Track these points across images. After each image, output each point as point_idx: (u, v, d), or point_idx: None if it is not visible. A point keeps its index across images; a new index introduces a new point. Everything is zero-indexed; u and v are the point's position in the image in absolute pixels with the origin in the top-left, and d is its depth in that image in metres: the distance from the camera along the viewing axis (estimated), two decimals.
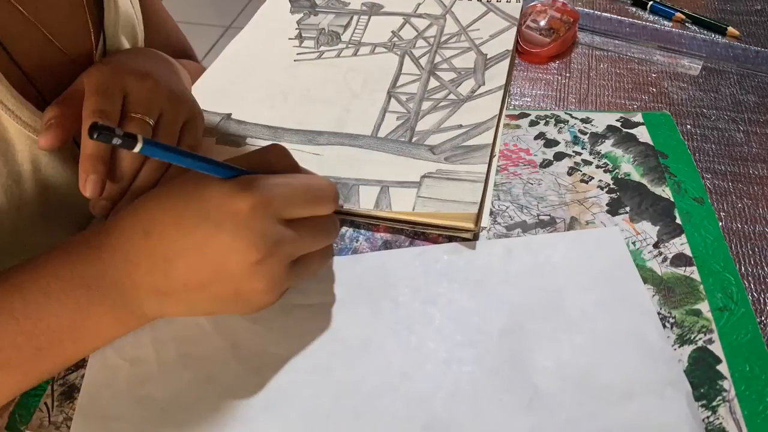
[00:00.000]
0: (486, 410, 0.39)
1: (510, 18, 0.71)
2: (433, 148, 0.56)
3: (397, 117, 0.60)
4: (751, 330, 0.42)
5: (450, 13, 0.73)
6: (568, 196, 0.52)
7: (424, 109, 0.60)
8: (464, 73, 0.64)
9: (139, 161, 0.50)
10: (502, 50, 0.66)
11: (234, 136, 0.60)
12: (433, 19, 0.73)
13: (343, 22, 0.73)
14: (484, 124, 0.58)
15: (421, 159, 0.55)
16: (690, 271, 0.46)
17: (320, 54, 0.69)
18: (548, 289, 0.45)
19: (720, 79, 0.66)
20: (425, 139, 0.57)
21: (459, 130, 0.57)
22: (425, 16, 0.73)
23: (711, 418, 0.38)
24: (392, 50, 0.69)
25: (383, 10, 0.75)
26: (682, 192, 0.52)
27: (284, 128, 0.60)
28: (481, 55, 0.66)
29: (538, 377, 0.40)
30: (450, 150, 0.55)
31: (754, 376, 0.40)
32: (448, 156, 0.55)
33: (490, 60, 0.65)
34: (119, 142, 0.32)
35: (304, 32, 0.72)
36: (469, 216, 0.49)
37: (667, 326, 0.43)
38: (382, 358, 0.42)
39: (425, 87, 0.63)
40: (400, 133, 0.58)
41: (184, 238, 0.39)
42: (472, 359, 0.42)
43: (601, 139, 0.57)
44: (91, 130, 0.32)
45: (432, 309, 0.45)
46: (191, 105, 0.55)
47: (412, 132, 0.58)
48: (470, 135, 0.57)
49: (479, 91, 0.62)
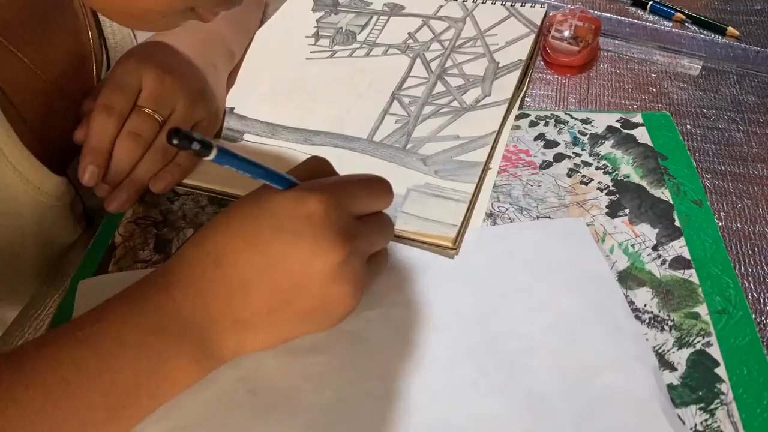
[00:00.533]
0: (461, 391, 0.40)
1: (530, 24, 0.70)
2: (426, 159, 0.55)
3: (395, 120, 0.60)
4: (750, 333, 0.42)
5: (471, 16, 0.73)
6: (567, 197, 0.52)
7: (425, 113, 0.60)
8: (472, 81, 0.64)
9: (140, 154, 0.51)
10: (515, 59, 0.66)
11: (232, 130, 0.60)
12: (452, 22, 0.72)
13: (361, 22, 0.73)
14: (482, 139, 0.57)
15: (411, 168, 0.55)
16: (689, 274, 0.46)
17: (333, 53, 0.69)
18: (518, 272, 0.47)
19: (720, 79, 0.66)
20: (419, 147, 0.57)
21: (455, 142, 0.57)
22: (445, 18, 0.73)
23: (709, 421, 0.38)
24: (405, 52, 0.68)
25: (404, 11, 0.75)
26: (681, 194, 0.52)
27: (282, 126, 0.60)
28: (494, 62, 0.66)
29: (511, 357, 0.41)
30: (441, 163, 0.55)
31: (752, 379, 0.40)
32: (438, 169, 0.54)
33: (501, 69, 0.65)
34: (198, 147, 0.33)
35: (321, 31, 0.72)
36: (448, 238, 0.48)
37: (665, 329, 0.43)
38: (360, 347, 0.43)
39: (430, 91, 0.63)
40: (395, 138, 0.58)
41: (261, 256, 0.37)
42: (446, 343, 0.43)
43: (601, 141, 0.57)
44: (170, 135, 0.32)
45: (406, 296, 0.45)
46: (209, 105, 0.56)
47: (408, 138, 0.58)
48: (465, 149, 0.56)
49: (483, 102, 0.61)
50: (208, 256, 0.38)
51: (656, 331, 0.43)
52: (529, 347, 0.42)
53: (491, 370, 0.41)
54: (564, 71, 0.68)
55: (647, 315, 0.44)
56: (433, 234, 0.49)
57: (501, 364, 0.41)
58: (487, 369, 0.41)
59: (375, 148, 0.57)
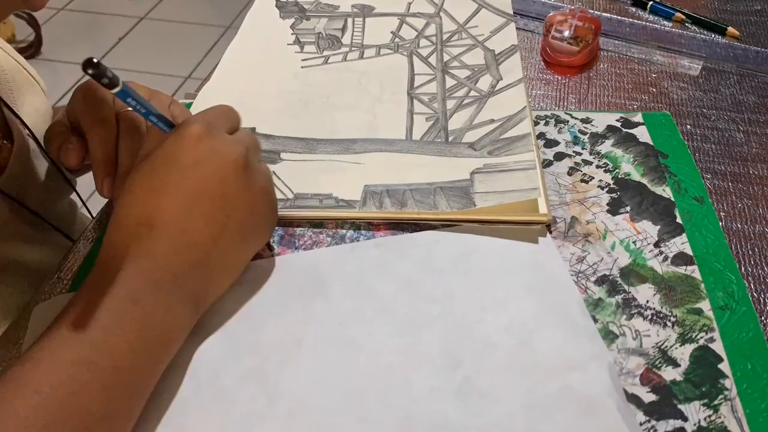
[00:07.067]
0: (417, 397, 0.40)
1: (504, 14, 0.71)
2: (473, 144, 0.56)
3: (426, 118, 0.59)
4: (753, 328, 0.42)
5: (443, 11, 0.73)
6: (568, 195, 0.52)
7: (450, 108, 0.60)
8: (477, 70, 0.64)
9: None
10: (508, 45, 0.66)
11: (266, 152, 0.57)
12: (428, 18, 0.72)
13: (338, 26, 0.73)
14: (517, 115, 0.57)
15: (464, 157, 0.55)
16: (691, 270, 0.46)
17: (326, 59, 0.68)
18: (474, 274, 0.46)
19: (720, 79, 0.66)
20: (462, 137, 0.57)
21: (493, 125, 0.57)
22: (419, 15, 0.73)
23: (713, 416, 0.38)
24: (398, 51, 0.68)
25: (375, 11, 0.74)
26: (682, 191, 0.52)
27: (316, 139, 0.58)
28: (489, 51, 0.66)
29: (467, 360, 0.41)
30: (490, 144, 0.55)
31: (756, 374, 0.40)
32: (490, 150, 0.55)
33: (500, 55, 0.65)
34: (106, 81, 0.38)
35: (301, 37, 0.71)
36: (533, 204, 0.49)
37: (668, 325, 0.43)
38: (314, 356, 0.42)
39: (444, 86, 0.63)
40: (434, 134, 0.57)
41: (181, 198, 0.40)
42: (402, 349, 0.42)
43: (601, 139, 0.57)
44: (84, 65, 0.36)
45: (363, 303, 0.45)
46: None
47: (446, 132, 0.58)
48: (506, 128, 0.56)
49: (499, 86, 0.61)
50: (139, 226, 0.40)
51: (659, 328, 0.43)
52: (484, 349, 0.42)
53: (446, 374, 0.41)
54: (564, 71, 0.68)
55: (650, 311, 0.44)
56: (518, 202, 0.49)
57: (456, 366, 0.41)
58: (442, 372, 0.41)
59: (419, 146, 0.57)
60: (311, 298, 0.45)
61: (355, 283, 0.46)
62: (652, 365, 0.41)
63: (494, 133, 0.56)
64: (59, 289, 0.48)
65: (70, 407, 0.34)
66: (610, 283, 0.46)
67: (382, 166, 0.55)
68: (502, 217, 0.49)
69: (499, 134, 0.56)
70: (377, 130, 0.59)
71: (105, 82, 0.38)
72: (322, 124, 0.60)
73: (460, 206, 0.50)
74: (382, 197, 0.52)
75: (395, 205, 0.51)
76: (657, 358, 0.41)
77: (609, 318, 0.44)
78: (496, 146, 0.55)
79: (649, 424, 0.38)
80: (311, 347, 0.43)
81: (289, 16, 0.75)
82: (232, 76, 0.66)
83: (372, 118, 0.60)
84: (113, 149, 0.50)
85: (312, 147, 0.58)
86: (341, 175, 0.54)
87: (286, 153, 0.57)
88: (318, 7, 0.76)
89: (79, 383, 0.34)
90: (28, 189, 0.55)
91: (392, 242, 0.49)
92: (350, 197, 0.52)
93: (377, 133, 0.58)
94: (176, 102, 0.53)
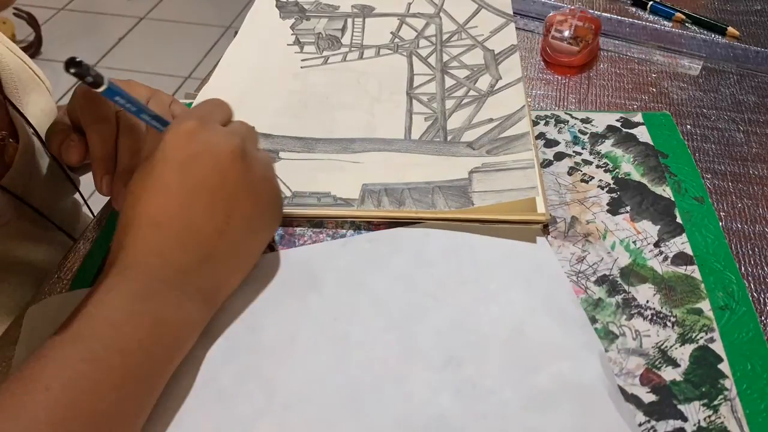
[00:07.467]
0: (412, 389, 0.40)
1: (504, 14, 0.71)
2: (472, 144, 0.56)
3: (425, 118, 0.59)
4: (753, 329, 0.42)
5: (443, 11, 0.73)
6: (568, 195, 0.52)
7: (449, 107, 0.60)
8: (477, 70, 0.64)
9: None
10: (507, 45, 0.66)
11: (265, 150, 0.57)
12: (428, 18, 0.72)
13: (338, 26, 0.73)
14: (515, 114, 0.57)
15: (463, 156, 0.55)
16: (691, 270, 0.46)
17: (325, 59, 0.68)
18: (465, 265, 0.47)
19: (720, 79, 0.66)
20: (460, 137, 0.57)
21: (492, 124, 0.57)
22: (419, 15, 0.73)
23: (713, 417, 0.38)
24: (397, 51, 0.68)
25: (375, 12, 0.74)
26: (682, 191, 0.52)
27: (315, 138, 0.58)
28: (488, 51, 0.66)
29: (460, 351, 0.41)
30: (489, 143, 0.55)
31: (756, 374, 0.40)
32: (489, 149, 0.55)
33: (499, 55, 0.65)
34: (90, 80, 0.38)
35: (301, 38, 0.71)
36: (531, 203, 0.49)
37: (668, 325, 0.43)
38: (310, 352, 0.42)
39: (443, 86, 0.63)
40: (432, 134, 0.57)
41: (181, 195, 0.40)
42: (396, 342, 0.42)
43: (601, 139, 0.57)
44: (67, 64, 0.36)
45: (357, 297, 0.45)
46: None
47: (444, 131, 0.58)
48: (504, 127, 0.56)
49: (498, 86, 0.61)
50: (145, 226, 0.40)
51: (659, 328, 0.43)
52: (477, 340, 0.42)
53: (440, 365, 0.41)
54: (564, 71, 0.68)
55: (649, 311, 0.44)
56: (516, 201, 0.49)
57: (450, 358, 0.41)
58: (436, 364, 0.41)
59: (417, 145, 0.57)
60: (305, 294, 0.45)
61: (349, 278, 0.46)
62: (652, 365, 0.41)
63: (493, 132, 0.56)
64: (59, 289, 0.48)
65: (80, 405, 0.34)
66: (610, 283, 0.46)
67: (380, 165, 0.55)
68: (499, 216, 0.49)
69: (497, 133, 0.56)
70: (376, 130, 0.59)
71: (89, 81, 0.38)
72: (321, 124, 0.60)
73: (458, 205, 0.50)
74: (381, 196, 0.52)
75: (393, 204, 0.51)
76: (657, 359, 0.41)
77: (609, 318, 0.44)
78: (495, 145, 0.55)
79: (649, 425, 0.38)
80: (306, 342, 0.43)
81: (289, 17, 0.75)
82: (232, 76, 0.66)
83: (371, 118, 0.60)
84: (113, 147, 0.50)
85: (311, 146, 0.58)
86: (340, 174, 0.54)
87: (284, 152, 0.57)
88: (318, 8, 0.76)
89: (90, 381, 0.34)
90: (32, 188, 0.56)
91: (385, 236, 0.49)
92: (348, 196, 0.52)
93: (376, 132, 0.58)
94: (177, 101, 0.53)
